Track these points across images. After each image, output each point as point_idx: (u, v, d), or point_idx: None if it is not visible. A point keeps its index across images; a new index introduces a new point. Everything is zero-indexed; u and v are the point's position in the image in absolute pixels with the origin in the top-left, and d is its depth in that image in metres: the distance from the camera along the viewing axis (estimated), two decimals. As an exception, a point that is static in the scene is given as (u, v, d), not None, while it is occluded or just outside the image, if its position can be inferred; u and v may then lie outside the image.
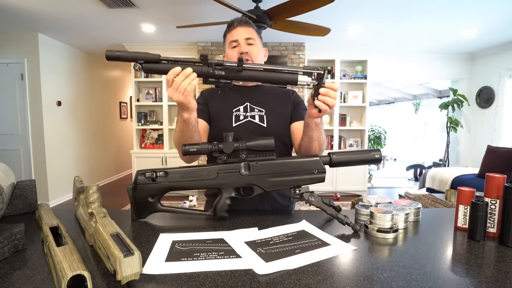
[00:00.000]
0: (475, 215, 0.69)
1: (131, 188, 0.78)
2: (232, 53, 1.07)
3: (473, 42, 4.15)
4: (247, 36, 1.07)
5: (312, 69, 0.78)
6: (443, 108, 4.93)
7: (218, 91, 1.14)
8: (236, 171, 0.79)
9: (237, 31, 1.08)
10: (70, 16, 3.24)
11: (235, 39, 1.07)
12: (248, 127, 1.04)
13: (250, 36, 1.07)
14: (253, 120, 1.05)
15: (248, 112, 1.06)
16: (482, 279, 0.52)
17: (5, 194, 0.71)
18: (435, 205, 2.75)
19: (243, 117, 1.06)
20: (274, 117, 1.06)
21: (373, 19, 3.37)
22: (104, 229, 0.55)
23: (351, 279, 0.52)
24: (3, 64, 3.81)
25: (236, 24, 1.08)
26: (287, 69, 0.78)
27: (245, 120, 1.05)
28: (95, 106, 5.15)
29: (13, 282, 0.50)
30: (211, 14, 3.20)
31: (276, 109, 1.08)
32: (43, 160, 3.95)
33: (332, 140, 4.67)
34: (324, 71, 0.77)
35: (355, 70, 4.68)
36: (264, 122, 1.05)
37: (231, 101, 1.09)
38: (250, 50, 1.06)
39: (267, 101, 1.09)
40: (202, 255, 0.60)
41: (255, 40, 1.08)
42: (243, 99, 1.09)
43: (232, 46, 1.07)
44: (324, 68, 0.78)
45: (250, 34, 1.07)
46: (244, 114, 1.06)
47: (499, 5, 2.92)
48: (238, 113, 1.06)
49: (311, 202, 0.78)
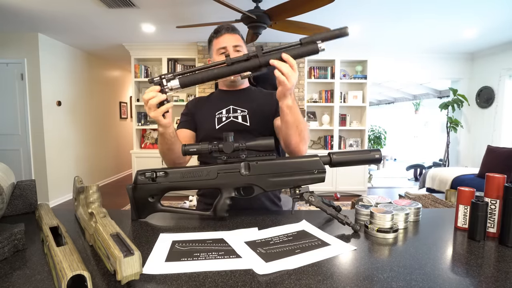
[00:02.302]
0: (475, 215, 0.69)
1: (131, 188, 0.78)
2: (220, 59, 1.09)
3: (473, 42, 4.15)
4: (235, 43, 1.09)
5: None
6: (443, 108, 4.93)
7: (204, 99, 1.20)
8: (236, 171, 0.79)
9: (224, 38, 1.10)
10: (70, 16, 3.24)
11: (223, 46, 1.09)
12: (231, 127, 1.06)
13: (238, 44, 1.10)
14: (236, 120, 1.08)
15: (231, 113, 1.10)
16: (482, 279, 0.52)
17: (5, 194, 0.71)
18: (435, 205, 2.75)
19: (226, 118, 1.09)
20: (257, 116, 1.08)
21: (373, 19, 3.37)
22: (104, 229, 0.55)
23: (351, 279, 0.51)
24: (3, 64, 3.81)
25: (224, 31, 1.11)
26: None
27: (228, 121, 1.08)
28: (95, 106, 5.15)
29: (13, 282, 0.50)
30: (211, 14, 3.20)
31: (258, 108, 1.10)
32: (43, 160, 3.95)
33: (332, 140, 4.67)
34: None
35: (355, 70, 4.68)
36: (247, 121, 1.08)
37: (215, 106, 1.13)
38: None
39: (250, 102, 1.12)
40: (202, 255, 0.60)
41: (242, 47, 1.11)
42: (227, 103, 1.13)
43: (220, 53, 1.10)
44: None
45: (237, 41, 1.10)
46: (227, 116, 1.09)
47: (499, 5, 2.92)
48: (221, 115, 1.10)
49: (311, 202, 0.78)
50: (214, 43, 1.13)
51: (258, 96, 1.17)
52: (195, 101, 1.21)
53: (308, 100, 4.65)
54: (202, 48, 4.33)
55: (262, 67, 0.81)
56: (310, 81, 4.54)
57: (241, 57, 0.80)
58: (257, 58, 0.80)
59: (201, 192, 1.11)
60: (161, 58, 4.47)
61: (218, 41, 1.11)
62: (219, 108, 1.12)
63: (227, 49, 1.08)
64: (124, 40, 4.25)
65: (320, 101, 4.65)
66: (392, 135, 8.71)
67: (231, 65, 0.80)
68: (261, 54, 0.80)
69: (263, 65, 0.80)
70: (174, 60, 4.50)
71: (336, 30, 0.79)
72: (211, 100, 1.19)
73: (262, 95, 1.18)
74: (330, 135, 4.67)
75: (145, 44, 4.36)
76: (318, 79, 4.54)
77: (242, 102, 1.12)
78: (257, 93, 1.20)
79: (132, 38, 4.10)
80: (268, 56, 0.80)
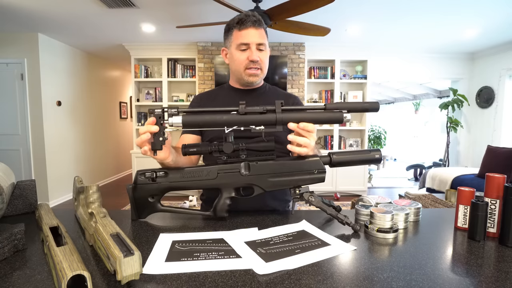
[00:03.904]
0: (475, 215, 0.69)
1: (131, 188, 0.78)
2: (240, 57, 1.01)
3: (473, 42, 4.15)
4: (259, 41, 0.99)
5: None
6: (443, 108, 4.93)
7: (210, 97, 1.11)
8: (236, 171, 0.79)
9: (249, 33, 0.98)
10: (70, 16, 3.24)
11: (246, 42, 0.98)
12: (243, 133, 1.02)
13: (262, 42, 0.99)
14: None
15: None
16: (482, 279, 0.52)
17: (5, 194, 0.71)
18: (435, 205, 2.75)
19: None
20: None
21: (373, 19, 3.37)
22: (104, 229, 0.55)
23: (351, 279, 0.51)
24: (3, 64, 3.81)
25: (250, 24, 0.97)
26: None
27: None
28: (95, 106, 5.15)
29: (13, 282, 0.50)
30: (211, 14, 3.20)
31: None
32: (43, 160, 3.95)
33: (332, 140, 4.67)
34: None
35: (355, 70, 4.68)
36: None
37: (226, 106, 1.05)
38: (260, 57, 1.00)
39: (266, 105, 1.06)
40: (202, 255, 0.60)
41: (266, 45, 1.01)
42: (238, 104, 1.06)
43: (241, 49, 1.00)
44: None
45: (262, 38, 0.99)
46: None
47: (499, 5, 2.92)
48: None
49: (311, 202, 0.78)
50: (235, 35, 1.00)
51: (275, 98, 1.08)
52: (199, 100, 1.12)
53: (308, 100, 4.65)
54: (202, 48, 4.33)
55: (278, 125, 0.74)
56: (310, 81, 4.54)
57: (256, 109, 0.73)
58: (275, 113, 0.73)
59: (204, 197, 1.08)
60: (161, 58, 4.47)
61: (240, 34, 0.98)
62: None
63: (249, 46, 0.98)
64: (124, 40, 4.25)
65: (320, 101, 4.65)
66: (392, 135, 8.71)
67: (244, 115, 0.73)
68: (279, 110, 0.73)
69: (279, 123, 0.74)
70: (174, 60, 4.50)
71: (366, 103, 0.74)
72: (218, 99, 1.09)
73: (280, 96, 1.09)
74: (330, 135, 4.67)
75: (145, 44, 4.36)
76: (318, 79, 4.54)
77: (257, 103, 1.05)
78: (273, 93, 1.11)
79: (132, 38, 4.10)
80: (287, 115, 0.74)
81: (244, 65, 1.01)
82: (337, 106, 0.75)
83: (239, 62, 1.01)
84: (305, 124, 0.74)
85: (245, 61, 1.00)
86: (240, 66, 1.02)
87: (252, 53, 0.99)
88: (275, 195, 1.05)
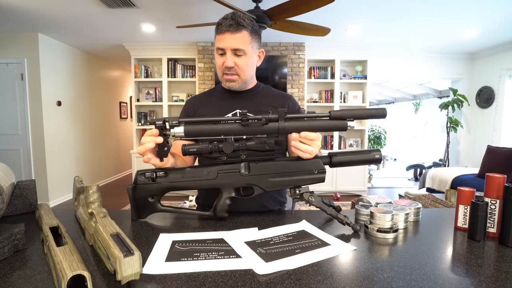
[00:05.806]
0: (475, 215, 0.69)
1: (131, 188, 0.78)
2: (218, 61, 1.00)
3: (473, 42, 4.15)
4: (234, 46, 0.95)
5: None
6: (443, 108, 4.93)
7: (204, 100, 1.10)
8: (236, 171, 0.79)
9: (224, 38, 0.95)
10: (70, 16, 3.24)
11: (221, 47, 0.97)
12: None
13: (238, 47, 0.95)
14: None
15: None
16: (482, 279, 0.52)
17: (5, 194, 0.71)
18: (435, 205, 2.75)
19: None
20: None
21: (373, 19, 3.37)
22: (104, 229, 0.55)
23: (351, 279, 0.52)
24: (3, 64, 3.81)
25: (225, 28, 0.95)
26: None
27: None
28: (95, 106, 5.15)
29: (13, 282, 0.50)
30: (211, 14, 3.20)
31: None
32: (43, 160, 3.95)
33: (332, 140, 4.67)
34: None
35: (355, 70, 4.68)
36: None
37: (218, 110, 1.05)
38: (236, 63, 0.98)
39: (259, 107, 1.03)
40: (202, 255, 0.60)
41: (245, 50, 0.97)
42: (233, 106, 1.04)
43: (219, 53, 0.99)
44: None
45: (238, 43, 0.95)
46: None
47: (500, 5, 2.92)
48: None
49: (311, 202, 0.78)
50: (216, 39, 0.99)
51: (268, 99, 1.07)
52: (193, 102, 1.11)
53: (308, 100, 4.65)
54: (202, 48, 4.33)
55: (280, 134, 0.74)
56: (310, 81, 4.54)
57: (258, 119, 0.73)
58: (277, 122, 0.73)
59: (201, 202, 1.08)
60: (161, 58, 4.47)
61: (218, 38, 0.98)
62: (223, 112, 1.03)
63: (225, 51, 0.97)
64: (124, 40, 4.25)
65: (320, 101, 4.65)
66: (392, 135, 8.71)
67: (246, 126, 0.73)
68: (282, 120, 0.73)
69: (281, 132, 0.73)
70: (174, 60, 4.50)
71: (373, 110, 0.73)
72: (212, 102, 1.09)
73: (274, 97, 1.09)
74: (330, 135, 4.67)
75: (145, 44, 4.36)
76: (318, 79, 4.54)
77: (250, 106, 1.02)
78: (266, 94, 1.10)
79: (132, 38, 4.10)
80: (289, 123, 0.73)
81: (221, 70, 1.01)
82: (342, 114, 0.73)
83: (218, 66, 1.02)
84: (306, 133, 0.74)
85: (221, 66, 1.00)
86: (219, 71, 1.03)
87: (226, 59, 0.97)
88: (272, 195, 1.06)
